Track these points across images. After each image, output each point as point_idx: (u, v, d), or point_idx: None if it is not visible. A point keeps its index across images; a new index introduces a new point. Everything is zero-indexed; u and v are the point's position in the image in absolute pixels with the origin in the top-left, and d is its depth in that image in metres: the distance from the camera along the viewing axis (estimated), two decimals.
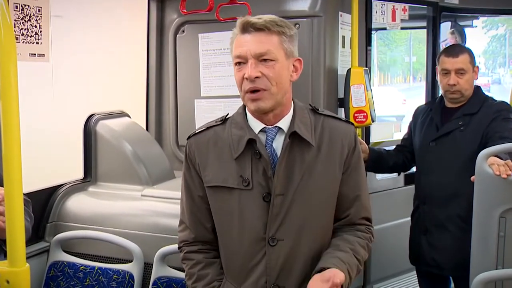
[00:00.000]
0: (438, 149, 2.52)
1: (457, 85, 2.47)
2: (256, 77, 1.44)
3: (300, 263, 1.51)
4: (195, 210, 1.62)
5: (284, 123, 1.53)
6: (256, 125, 1.54)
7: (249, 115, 1.56)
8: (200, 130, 1.63)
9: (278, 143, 1.53)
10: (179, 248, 1.69)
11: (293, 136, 1.51)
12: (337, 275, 1.39)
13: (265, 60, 1.45)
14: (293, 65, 1.53)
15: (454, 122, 2.50)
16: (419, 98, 4.60)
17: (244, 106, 1.58)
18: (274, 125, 1.53)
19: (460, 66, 2.46)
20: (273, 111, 1.51)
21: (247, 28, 1.46)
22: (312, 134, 1.54)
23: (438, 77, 2.57)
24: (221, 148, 1.56)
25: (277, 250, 1.50)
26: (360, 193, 1.60)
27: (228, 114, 1.63)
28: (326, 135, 1.55)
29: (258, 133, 1.53)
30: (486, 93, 2.63)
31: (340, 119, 1.63)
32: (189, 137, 1.63)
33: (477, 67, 2.57)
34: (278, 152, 1.52)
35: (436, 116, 2.58)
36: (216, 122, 1.62)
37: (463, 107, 2.51)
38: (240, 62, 1.48)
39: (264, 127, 1.53)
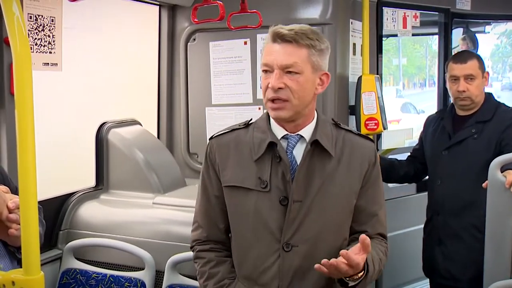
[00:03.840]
0: (451, 158, 2.48)
1: (467, 91, 2.44)
2: (279, 88, 1.46)
3: (314, 271, 1.50)
4: (209, 209, 1.64)
5: (306, 132, 1.55)
6: (279, 131, 1.56)
7: (272, 121, 1.58)
8: (223, 132, 1.65)
9: (299, 151, 1.54)
10: (191, 247, 1.71)
11: (315, 145, 1.53)
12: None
13: (290, 72, 1.46)
14: (320, 79, 1.54)
15: (467, 130, 2.46)
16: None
17: (268, 112, 1.60)
18: (296, 133, 1.55)
19: (469, 72, 2.44)
20: (294, 121, 1.53)
21: (276, 38, 1.48)
22: (333, 146, 1.55)
23: (447, 85, 2.55)
24: (241, 150, 1.58)
25: (291, 256, 1.51)
26: (378, 209, 1.61)
27: (251, 119, 1.65)
28: (347, 149, 1.57)
29: (280, 139, 1.55)
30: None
31: (361, 135, 1.65)
32: (211, 138, 1.66)
33: (487, 72, 2.53)
34: (298, 159, 1.53)
35: (447, 124, 2.54)
36: (239, 125, 1.64)
37: (476, 115, 2.48)
38: (267, 70, 1.49)
39: (286, 134, 1.55)
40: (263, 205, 1.53)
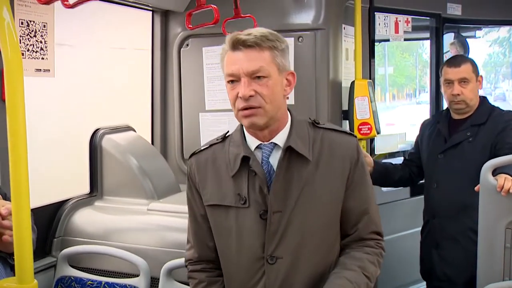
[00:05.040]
0: (446, 161, 2.49)
1: (461, 95, 2.45)
2: (250, 96, 1.42)
3: (300, 281, 1.48)
4: (197, 229, 1.62)
5: (280, 139, 1.50)
6: (252, 142, 1.52)
7: (246, 132, 1.54)
8: (202, 148, 1.62)
9: (275, 159, 1.49)
10: (185, 266, 1.69)
11: (290, 151, 1.48)
12: None
13: (258, 77, 1.42)
14: (286, 79, 1.49)
15: (462, 133, 2.47)
16: None
17: (242, 124, 1.55)
18: (270, 141, 1.50)
19: (463, 75, 2.46)
20: (268, 127, 1.48)
21: (237, 45, 1.43)
22: (309, 148, 1.49)
23: (442, 89, 2.57)
24: (219, 167, 1.55)
25: (276, 268, 1.47)
26: (368, 206, 1.55)
27: (228, 132, 1.62)
28: (325, 149, 1.51)
29: (254, 149, 1.51)
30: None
31: (341, 131, 1.58)
32: (190, 156, 1.63)
33: (481, 76, 2.55)
34: (276, 168, 1.48)
35: (443, 128, 2.55)
36: (217, 140, 1.61)
37: (471, 118, 2.49)
38: (233, 80, 1.45)
39: (260, 144, 1.51)
40: (244, 221, 1.49)
